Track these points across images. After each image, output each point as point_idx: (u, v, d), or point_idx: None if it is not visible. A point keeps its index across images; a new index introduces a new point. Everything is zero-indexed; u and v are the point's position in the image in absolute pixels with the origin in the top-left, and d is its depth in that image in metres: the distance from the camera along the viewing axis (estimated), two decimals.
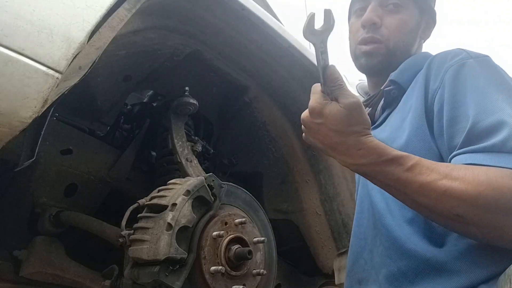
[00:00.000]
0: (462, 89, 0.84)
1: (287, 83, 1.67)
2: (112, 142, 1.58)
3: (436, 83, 0.89)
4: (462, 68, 0.87)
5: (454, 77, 0.86)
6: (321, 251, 1.86)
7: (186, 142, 1.49)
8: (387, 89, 1.05)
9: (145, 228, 1.05)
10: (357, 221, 1.07)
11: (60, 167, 1.38)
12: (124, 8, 0.98)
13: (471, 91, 0.83)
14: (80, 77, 0.94)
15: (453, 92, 0.85)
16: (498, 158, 0.74)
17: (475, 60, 0.88)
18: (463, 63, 0.87)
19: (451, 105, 0.84)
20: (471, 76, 0.85)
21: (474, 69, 0.86)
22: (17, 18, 0.78)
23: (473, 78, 0.85)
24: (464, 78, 0.85)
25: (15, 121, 0.80)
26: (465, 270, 0.79)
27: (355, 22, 1.13)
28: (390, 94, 1.05)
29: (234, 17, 1.38)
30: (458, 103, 0.83)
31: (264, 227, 1.30)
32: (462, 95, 0.83)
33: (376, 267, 0.94)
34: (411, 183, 0.76)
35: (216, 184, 1.15)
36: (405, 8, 1.07)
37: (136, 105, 1.68)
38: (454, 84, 0.86)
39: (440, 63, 0.92)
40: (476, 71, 0.86)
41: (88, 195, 1.48)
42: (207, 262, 1.06)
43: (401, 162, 0.76)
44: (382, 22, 1.05)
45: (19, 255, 1.37)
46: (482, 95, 0.81)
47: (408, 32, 1.08)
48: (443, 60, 0.92)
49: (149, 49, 1.36)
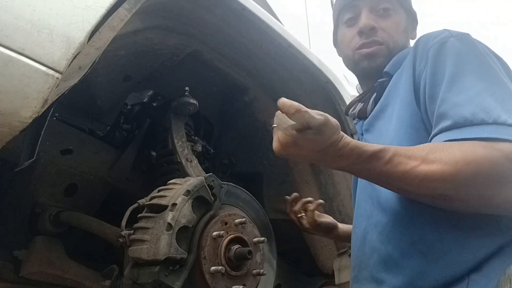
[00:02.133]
0: (441, 67, 0.88)
1: (287, 83, 1.67)
2: (112, 142, 1.58)
3: (422, 63, 0.93)
4: (443, 46, 0.90)
5: (435, 55, 0.90)
6: (321, 251, 1.86)
7: (186, 142, 1.49)
8: (380, 80, 1.08)
9: (145, 228, 1.05)
10: (355, 212, 1.09)
11: (60, 167, 1.38)
12: (124, 8, 0.98)
13: (448, 69, 0.86)
14: (80, 77, 0.94)
15: (433, 70, 0.89)
16: (469, 130, 0.78)
17: (456, 39, 0.91)
18: (444, 42, 0.91)
19: (430, 83, 0.88)
20: (450, 54, 0.88)
21: (453, 47, 0.89)
22: (17, 18, 0.78)
23: (452, 56, 0.88)
24: (444, 56, 0.89)
25: (15, 121, 0.80)
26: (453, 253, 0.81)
27: (347, 31, 1.14)
28: (383, 85, 1.07)
29: (234, 17, 1.38)
30: (436, 81, 0.87)
31: (264, 227, 1.30)
32: (440, 74, 0.87)
33: (368, 253, 0.97)
34: (392, 174, 0.79)
35: (216, 184, 1.16)
36: (395, 11, 1.11)
37: (136, 105, 1.68)
38: (434, 62, 0.89)
39: (424, 43, 0.95)
40: (456, 49, 0.89)
41: (88, 195, 1.48)
42: (207, 262, 1.06)
43: (379, 156, 0.79)
44: (378, 26, 1.09)
45: (19, 255, 1.37)
46: (456, 74, 0.85)
47: (402, 32, 1.11)
48: (427, 40, 0.95)
49: (149, 49, 1.36)
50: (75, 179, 1.43)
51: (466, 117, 0.79)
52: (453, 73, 0.85)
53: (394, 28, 1.09)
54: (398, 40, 1.09)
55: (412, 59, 0.96)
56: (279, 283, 1.84)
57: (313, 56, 1.61)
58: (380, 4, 1.09)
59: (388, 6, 1.10)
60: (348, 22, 1.14)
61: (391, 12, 1.10)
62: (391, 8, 1.10)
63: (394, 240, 0.89)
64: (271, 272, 1.32)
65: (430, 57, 0.90)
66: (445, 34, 0.92)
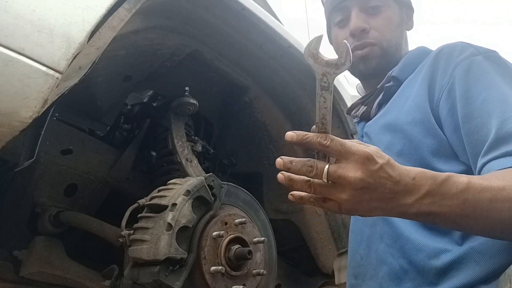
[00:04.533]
0: (474, 84, 0.83)
1: (287, 83, 1.67)
2: (112, 142, 1.58)
3: (445, 79, 0.88)
4: (472, 64, 0.86)
5: (465, 73, 0.85)
6: (321, 251, 1.86)
7: (186, 142, 1.49)
8: (388, 85, 1.05)
9: (145, 228, 1.05)
10: (354, 217, 1.08)
11: (60, 167, 1.38)
12: (124, 8, 0.98)
13: (484, 87, 0.82)
14: (80, 77, 0.94)
15: (465, 87, 0.84)
16: None
17: (484, 56, 0.87)
18: (472, 59, 0.87)
19: (464, 100, 0.83)
20: (482, 73, 0.84)
21: (484, 65, 0.86)
22: (17, 18, 0.78)
23: (485, 74, 0.84)
24: (475, 74, 0.84)
25: (15, 121, 0.80)
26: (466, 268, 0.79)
27: (340, 33, 1.12)
28: (390, 90, 1.05)
29: (234, 17, 1.38)
30: (472, 98, 0.82)
31: (264, 227, 1.30)
32: (475, 91, 0.82)
33: (374, 264, 0.94)
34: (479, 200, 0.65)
35: (216, 184, 1.15)
36: (385, 7, 1.08)
37: (136, 105, 1.68)
38: (466, 80, 0.85)
39: (447, 58, 0.91)
40: (487, 67, 0.85)
41: (88, 195, 1.48)
42: (207, 262, 1.06)
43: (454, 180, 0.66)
44: (370, 25, 1.06)
45: (19, 255, 1.37)
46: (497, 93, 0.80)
47: (395, 27, 1.08)
48: (450, 55, 0.91)
49: (149, 49, 1.36)
50: (75, 179, 1.43)
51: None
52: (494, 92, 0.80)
53: (386, 25, 1.06)
54: (391, 37, 1.07)
55: (430, 71, 0.92)
56: (279, 283, 1.84)
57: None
58: (370, 2, 1.06)
59: (377, 3, 1.07)
60: (339, 23, 1.12)
61: (382, 8, 1.07)
62: (381, 5, 1.07)
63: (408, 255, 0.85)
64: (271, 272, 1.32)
65: (458, 74, 0.85)
66: (471, 51, 0.88)
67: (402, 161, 0.76)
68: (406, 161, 0.87)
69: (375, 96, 1.09)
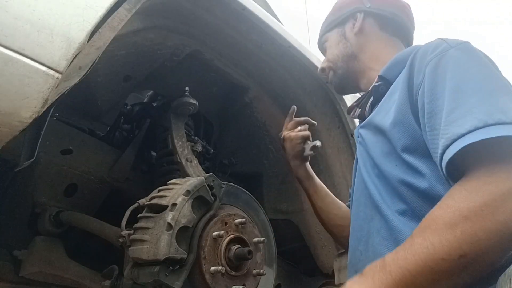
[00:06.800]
0: (441, 81, 0.84)
1: (287, 83, 1.67)
2: (112, 142, 1.58)
3: (419, 78, 0.90)
4: (441, 60, 0.87)
5: (434, 70, 0.87)
6: (321, 251, 1.86)
7: (186, 142, 1.49)
8: (376, 84, 1.08)
9: (145, 228, 1.05)
10: (354, 214, 1.08)
11: (60, 167, 1.39)
12: (124, 8, 0.98)
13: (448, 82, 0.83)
14: (80, 77, 0.94)
15: (431, 85, 0.85)
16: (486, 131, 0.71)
17: (455, 49, 0.88)
18: (443, 55, 0.88)
19: (429, 98, 0.85)
20: (450, 67, 0.85)
21: (453, 59, 0.86)
22: (17, 18, 0.78)
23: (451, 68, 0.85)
24: (443, 70, 0.85)
25: (15, 121, 0.80)
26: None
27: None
28: (379, 90, 1.08)
29: (234, 17, 1.38)
30: (436, 95, 0.83)
31: (264, 227, 1.30)
32: (440, 87, 0.83)
33: (372, 257, 0.95)
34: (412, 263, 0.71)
35: (216, 184, 1.15)
36: (330, 40, 1.29)
37: (136, 105, 1.68)
38: (433, 77, 0.86)
39: (422, 57, 0.92)
40: (455, 60, 0.86)
41: (88, 195, 1.48)
42: (207, 262, 1.06)
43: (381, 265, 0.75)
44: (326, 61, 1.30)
45: (19, 255, 1.37)
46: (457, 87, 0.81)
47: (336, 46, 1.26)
48: (424, 53, 0.92)
49: (149, 49, 1.36)
50: (75, 179, 1.43)
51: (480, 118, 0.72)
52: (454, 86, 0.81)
53: (331, 53, 1.28)
54: (337, 56, 1.26)
55: (409, 71, 0.94)
56: (279, 283, 1.84)
57: (313, 56, 1.61)
58: (323, 44, 1.32)
59: (325, 42, 1.31)
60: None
61: (328, 43, 1.29)
62: (327, 40, 1.30)
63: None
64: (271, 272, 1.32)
65: (428, 72, 0.87)
66: (444, 46, 0.89)
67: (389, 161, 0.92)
68: (391, 161, 0.92)
69: (368, 97, 1.13)
